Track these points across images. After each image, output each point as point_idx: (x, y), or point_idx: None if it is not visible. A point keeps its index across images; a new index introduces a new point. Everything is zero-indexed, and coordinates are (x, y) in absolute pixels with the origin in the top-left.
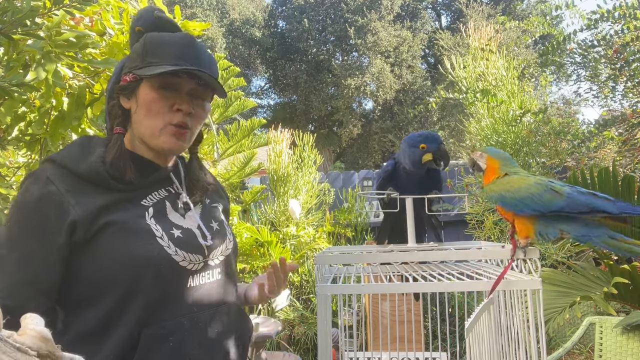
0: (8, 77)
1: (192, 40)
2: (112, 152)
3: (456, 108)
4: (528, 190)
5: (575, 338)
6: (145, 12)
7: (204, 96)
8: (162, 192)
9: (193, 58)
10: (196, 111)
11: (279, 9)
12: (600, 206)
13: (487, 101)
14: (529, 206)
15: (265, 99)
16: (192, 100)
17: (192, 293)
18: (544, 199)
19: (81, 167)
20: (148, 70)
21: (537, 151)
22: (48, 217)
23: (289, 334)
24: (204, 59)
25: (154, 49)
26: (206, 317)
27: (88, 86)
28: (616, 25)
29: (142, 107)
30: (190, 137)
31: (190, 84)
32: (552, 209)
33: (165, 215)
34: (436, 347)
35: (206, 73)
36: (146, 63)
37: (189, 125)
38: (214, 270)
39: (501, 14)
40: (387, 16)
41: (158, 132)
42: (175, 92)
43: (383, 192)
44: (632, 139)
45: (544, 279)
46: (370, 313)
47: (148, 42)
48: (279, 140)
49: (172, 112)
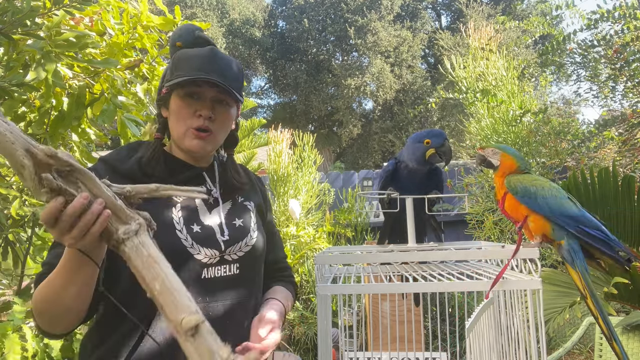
0: (8, 77)
1: (213, 52)
2: (147, 154)
3: (456, 108)
4: (551, 191)
5: (575, 338)
6: (186, 30)
7: (228, 101)
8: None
9: (210, 68)
10: (218, 116)
11: (279, 9)
12: (607, 232)
13: (487, 101)
14: (550, 206)
15: (265, 99)
16: (215, 106)
17: (205, 284)
18: (564, 203)
19: (123, 167)
20: (172, 82)
21: (537, 151)
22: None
23: (289, 334)
24: (221, 68)
25: (181, 63)
26: (219, 308)
27: (88, 86)
28: (616, 25)
29: (172, 114)
30: (214, 139)
31: (211, 92)
32: (568, 214)
33: (192, 211)
34: (436, 347)
35: (216, 81)
36: (174, 76)
37: (211, 128)
38: (231, 265)
39: (501, 14)
40: (387, 16)
41: (183, 135)
42: (199, 100)
43: (383, 192)
44: (632, 139)
45: (544, 279)
46: (370, 313)
47: (177, 58)
48: (279, 140)
49: (194, 117)
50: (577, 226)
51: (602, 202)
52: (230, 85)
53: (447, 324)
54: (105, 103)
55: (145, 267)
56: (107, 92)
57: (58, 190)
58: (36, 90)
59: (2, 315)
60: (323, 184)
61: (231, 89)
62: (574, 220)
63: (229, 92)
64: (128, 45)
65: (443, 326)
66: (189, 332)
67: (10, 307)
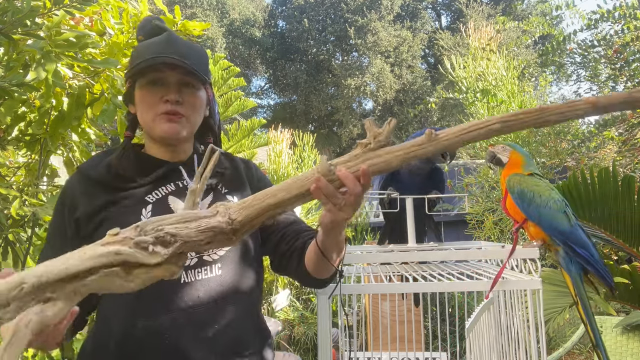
0: (8, 77)
1: (168, 35)
2: (116, 156)
3: (456, 108)
4: (547, 202)
5: (575, 338)
6: (146, 21)
7: (194, 84)
8: (169, 187)
9: (169, 50)
10: (186, 99)
11: (279, 9)
12: (594, 253)
13: (487, 101)
14: (542, 216)
15: (265, 99)
16: (182, 89)
17: (185, 289)
18: (556, 216)
19: (93, 173)
20: (134, 72)
21: (537, 151)
22: (64, 215)
23: (289, 334)
24: (180, 50)
25: (139, 53)
26: (203, 313)
27: (88, 86)
28: (616, 25)
29: (139, 106)
30: (187, 123)
31: (174, 75)
32: (557, 229)
33: (165, 209)
34: (436, 347)
35: (178, 60)
36: (133, 67)
37: (181, 112)
38: (212, 266)
39: (501, 14)
40: (387, 16)
41: (152, 122)
42: (163, 86)
43: (383, 193)
44: (632, 139)
45: (544, 279)
46: (370, 313)
47: (135, 50)
48: (279, 140)
49: (160, 103)
50: (565, 242)
51: (602, 202)
52: (193, 66)
53: (447, 324)
54: (105, 103)
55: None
56: (107, 92)
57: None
58: (36, 90)
59: None
60: None
61: (195, 69)
62: (563, 236)
63: (193, 73)
64: (128, 45)
65: (443, 326)
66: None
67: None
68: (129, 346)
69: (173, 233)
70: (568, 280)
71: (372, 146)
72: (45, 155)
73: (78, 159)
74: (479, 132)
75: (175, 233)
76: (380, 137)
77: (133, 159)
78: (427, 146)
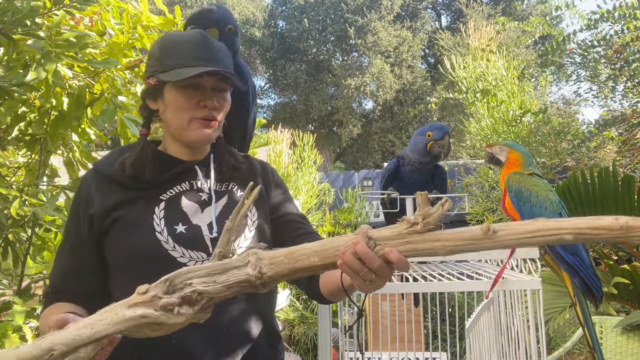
0: (8, 77)
1: (204, 37)
2: (133, 154)
3: (456, 108)
4: (543, 202)
5: (575, 338)
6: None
7: (225, 87)
8: (184, 186)
9: (208, 55)
10: (220, 104)
11: (279, 9)
12: (585, 259)
13: (487, 101)
14: (534, 216)
15: (265, 99)
16: (216, 93)
17: None
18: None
19: (108, 171)
20: (170, 76)
21: (537, 151)
22: (79, 212)
23: (289, 334)
24: (217, 54)
25: (170, 51)
26: (214, 318)
27: (88, 86)
28: (616, 25)
29: (170, 107)
30: (218, 127)
31: (211, 80)
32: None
33: (178, 209)
34: (436, 347)
35: (224, 71)
36: (166, 67)
37: (218, 118)
38: None
39: (501, 14)
40: (387, 16)
41: (186, 125)
42: (198, 90)
43: (383, 192)
44: (632, 139)
45: (544, 279)
46: (370, 313)
47: (164, 44)
48: (279, 140)
49: (198, 108)
50: (554, 247)
51: (602, 202)
52: (227, 69)
53: (447, 324)
54: (105, 103)
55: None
56: (107, 92)
57: None
58: (36, 90)
59: (2, 315)
60: (323, 184)
61: (230, 73)
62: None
63: (228, 79)
64: (128, 45)
65: (443, 326)
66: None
67: (10, 307)
68: (136, 348)
69: (200, 291)
70: (567, 282)
71: (419, 228)
72: (45, 155)
73: (78, 159)
74: (546, 239)
75: (203, 291)
76: (430, 219)
77: (150, 158)
78: (482, 244)
